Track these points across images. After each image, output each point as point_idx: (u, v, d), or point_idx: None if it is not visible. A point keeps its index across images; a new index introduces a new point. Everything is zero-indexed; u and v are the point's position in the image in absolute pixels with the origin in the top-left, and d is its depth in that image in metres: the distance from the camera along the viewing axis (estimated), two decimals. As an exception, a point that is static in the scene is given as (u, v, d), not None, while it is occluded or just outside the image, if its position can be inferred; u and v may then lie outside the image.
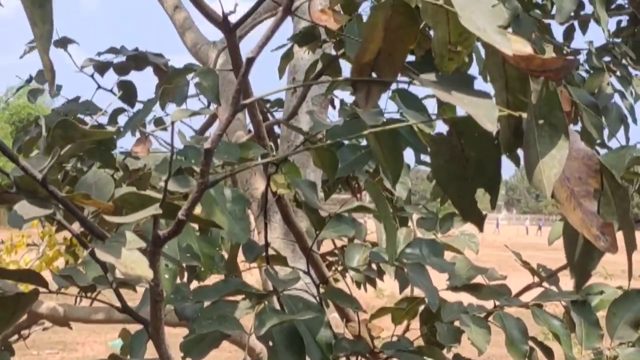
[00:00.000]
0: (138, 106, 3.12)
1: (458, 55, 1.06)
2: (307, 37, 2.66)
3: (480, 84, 1.13)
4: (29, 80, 3.33)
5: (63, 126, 1.09)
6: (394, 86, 1.83)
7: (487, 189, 1.08)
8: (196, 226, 1.83)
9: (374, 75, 1.06)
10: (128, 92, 3.02)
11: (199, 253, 1.76)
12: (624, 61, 4.05)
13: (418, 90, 1.50)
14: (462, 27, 0.92)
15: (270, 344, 1.70)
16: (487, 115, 0.85)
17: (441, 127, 1.22)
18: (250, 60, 0.98)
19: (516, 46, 0.88)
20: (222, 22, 1.73)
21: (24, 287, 1.46)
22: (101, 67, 3.10)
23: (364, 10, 2.41)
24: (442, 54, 1.07)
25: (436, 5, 0.99)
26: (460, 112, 0.98)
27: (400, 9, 1.00)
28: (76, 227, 1.39)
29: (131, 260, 1.08)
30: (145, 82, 3.11)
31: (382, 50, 1.02)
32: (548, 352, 2.22)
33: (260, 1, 1.56)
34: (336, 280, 2.65)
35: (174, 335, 1.65)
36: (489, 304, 2.17)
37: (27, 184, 1.20)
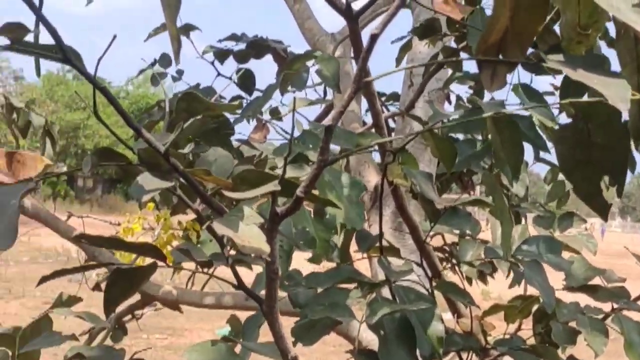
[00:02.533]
0: (255, 94, 3.16)
1: (587, 39, 1.03)
2: (428, 29, 2.64)
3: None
4: (152, 64, 3.40)
5: (187, 98, 1.10)
6: (515, 80, 1.79)
7: (613, 176, 1.04)
8: (311, 210, 1.83)
9: (500, 56, 1.04)
10: (247, 80, 3.05)
11: (315, 236, 1.75)
12: None
13: (538, 86, 1.46)
14: (592, 8, 0.89)
15: (382, 333, 1.69)
16: (619, 94, 0.82)
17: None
18: (374, 37, 0.97)
19: (653, 25, 0.85)
20: (345, 10, 1.73)
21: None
22: (221, 55, 3.14)
23: (487, 2, 2.38)
24: (571, 37, 1.03)
25: (568, -15, 0.95)
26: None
27: (530, -13, 0.97)
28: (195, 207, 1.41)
29: (249, 234, 1.09)
30: (260, 71, 3.15)
31: (510, 29, 0.99)
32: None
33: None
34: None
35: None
36: (607, 307, 2.10)
37: (150, 157, 1.22)
